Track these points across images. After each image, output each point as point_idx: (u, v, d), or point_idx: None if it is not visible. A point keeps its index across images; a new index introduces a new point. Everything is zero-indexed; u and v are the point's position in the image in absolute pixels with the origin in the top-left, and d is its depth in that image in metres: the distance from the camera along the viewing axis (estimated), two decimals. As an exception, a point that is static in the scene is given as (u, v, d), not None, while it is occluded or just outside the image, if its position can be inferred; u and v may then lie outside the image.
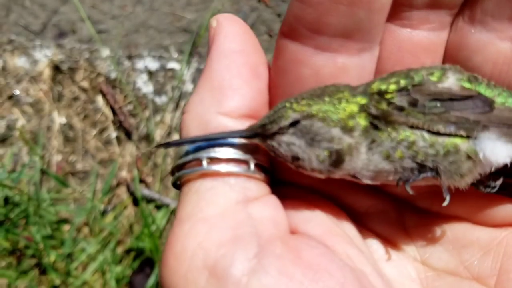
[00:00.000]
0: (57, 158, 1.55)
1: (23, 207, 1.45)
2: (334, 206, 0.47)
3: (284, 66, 0.44)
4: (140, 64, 1.64)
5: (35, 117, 1.56)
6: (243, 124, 0.44)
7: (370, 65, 0.44)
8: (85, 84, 1.59)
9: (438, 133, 0.42)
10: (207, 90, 0.44)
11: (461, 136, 0.42)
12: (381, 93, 0.43)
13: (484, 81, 0.44)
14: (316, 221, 0.45)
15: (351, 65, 0.43)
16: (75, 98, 1.58)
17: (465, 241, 0.46)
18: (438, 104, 0.42)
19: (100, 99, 1.59)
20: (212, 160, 0.43)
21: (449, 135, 0.42)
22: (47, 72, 1.59)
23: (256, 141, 0.44)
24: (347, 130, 0.43)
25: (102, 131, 1.58)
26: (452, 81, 0.43)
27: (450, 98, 0.42)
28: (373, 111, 0.42)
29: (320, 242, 0.43)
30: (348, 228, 0.46)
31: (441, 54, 0.45)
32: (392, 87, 0.42)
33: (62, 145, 1.55)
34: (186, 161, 0.44)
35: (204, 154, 0.43)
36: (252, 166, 0.44)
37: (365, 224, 0.48)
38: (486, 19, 0.43)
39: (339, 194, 0.48)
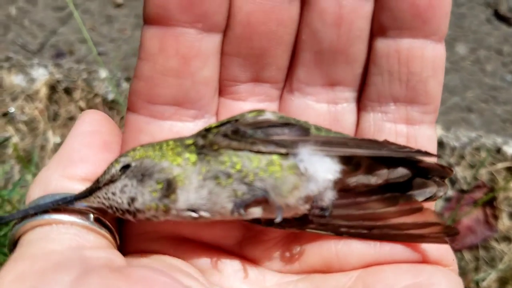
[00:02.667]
0: (49, 177, 1.51)
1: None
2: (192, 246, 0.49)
3: (127, 136, 0.48)
4: (138, 86, 1.63)
5: (29, 136, 1.54)
6: (83, 186, 0.46)
7: None
8: (82, 104, 1.58)
9: (260, 152, 0.44)
10: (55, 161, 0.47)
11: (282, 154, 0.45)
12: (207, 130, 0.46)
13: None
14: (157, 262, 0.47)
15: (186, 131, 0.47)
16: (71, 118, 1.56)
17: None
18: (259, 131, 0.46)
19: (96, 120, 1.57)
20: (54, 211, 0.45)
21: (271, 153, 0.44)
22: (43, 91, 1.58)
23: (90, 201, 0.45)
24: (176, 164, 0.45)
25: (97, 152, 1.55)
26: (269, 115, 0.47)
27: (269, 125, 0.46)
28: (200, 142, 0.46)
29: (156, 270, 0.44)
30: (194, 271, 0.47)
31: None
32: (216, 124, 0.46)
33: (56, 165, 1.52)
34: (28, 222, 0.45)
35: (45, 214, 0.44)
36: (91, 218, 0.45)
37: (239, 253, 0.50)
38: (301, 86, 0.49)
39: (208, 237, 0.49)
